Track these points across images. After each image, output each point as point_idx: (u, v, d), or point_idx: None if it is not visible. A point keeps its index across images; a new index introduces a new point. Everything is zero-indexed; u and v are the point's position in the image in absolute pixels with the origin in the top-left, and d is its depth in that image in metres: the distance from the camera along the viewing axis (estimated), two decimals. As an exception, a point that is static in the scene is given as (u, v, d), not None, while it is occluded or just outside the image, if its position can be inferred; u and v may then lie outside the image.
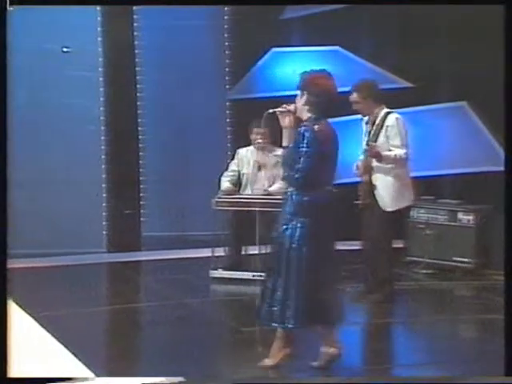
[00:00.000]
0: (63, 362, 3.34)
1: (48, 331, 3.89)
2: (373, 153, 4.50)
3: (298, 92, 3.24)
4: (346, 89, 5.75)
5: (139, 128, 6.79)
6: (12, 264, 5.75)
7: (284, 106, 3.25)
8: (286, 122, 3.24)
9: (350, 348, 4.00)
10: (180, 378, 3.02)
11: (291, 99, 3.31)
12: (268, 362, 3.31)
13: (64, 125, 6.17)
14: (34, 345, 3.66)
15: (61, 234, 5.99)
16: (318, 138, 3.15)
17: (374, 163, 4.56)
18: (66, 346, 3.63)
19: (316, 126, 3.17)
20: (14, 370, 2.90)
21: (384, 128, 4.56)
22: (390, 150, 4.53)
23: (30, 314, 4.17)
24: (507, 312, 2.83)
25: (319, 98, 3.17)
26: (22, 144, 6.07)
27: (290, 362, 3.32)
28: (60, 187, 6.11)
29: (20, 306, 4.34)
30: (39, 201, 6.06)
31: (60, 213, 6.07)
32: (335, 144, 3.27)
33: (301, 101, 3.22)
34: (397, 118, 4.57)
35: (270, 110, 3.29)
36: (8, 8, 2.87)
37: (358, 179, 4.70)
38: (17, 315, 4.22)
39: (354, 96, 4.59)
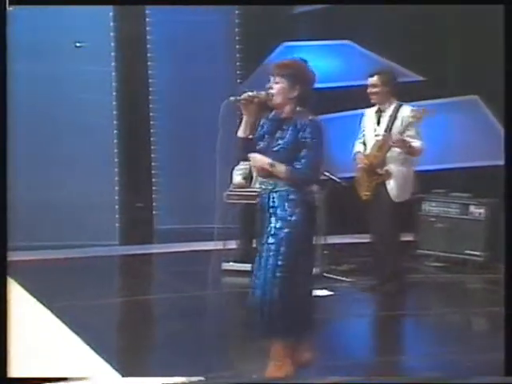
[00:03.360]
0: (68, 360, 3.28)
1: (63, 322, 3.90)
2: (399, 143, 4.45)
3: (283, 80, 2.86)
4: (357, 82, 5.74)
5: (151, 122, 6.79)
6: (26, 256, 5.83)
7: (250, 93, 2.89)
8: (249, 110, 2.89)
9: (361, 339, 3.99)
10: (200, 378, 2.91)
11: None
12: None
13: (77, 119, 6.17)
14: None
15: (75, 228, 6.00)
16: (322, 131, 2.88)
17: (389, 154, 4.52)
18: (79, 336, 3.64)
19: (317, 119, 2.88)
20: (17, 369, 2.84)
21: (398, 119, 4.52)
22: (409, 141, 4.50)
23: (45, 306, 4.19)
24: (507, 312, 2.78)
25: (310, 90, 2.89)
26: (36, 138, 6.14)
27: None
28: (74, 181, 6.11)
29: (36, 298, 4.36)
30: (54, 195, 6.09)
31: (74, 206, 6.08)
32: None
33: (290, 91, 2.86)
34: (412, 110, 4.53)
35: (231, 98, 2.89)
36: (8, 8, 2.78)
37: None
38: (31, 308, 4.26)
39: (375, 79, 4.56)
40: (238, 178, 5.44)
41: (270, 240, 2.90)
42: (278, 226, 2.89)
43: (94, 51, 6.19)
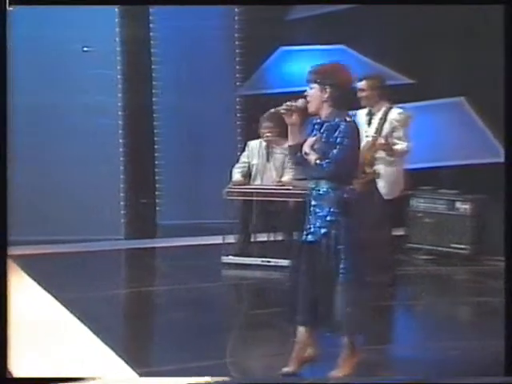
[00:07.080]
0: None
1: (71, 313, 3.92)
2: (383, 146, 4.49)
3: (315, 85, 2.94)
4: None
5: (154, 122, 6.82)
6: (35, 250, 5.86)
7: (288, 103, 2.96)
8: (292, 119, 2.96)
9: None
10: (225, 378, 2.90)
11: (298, 94, 3.08)
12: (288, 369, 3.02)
13: (84, 119, 6.21)
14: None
15: (84, 223, 6.06)
16: (353, 131, 2.93)
17: (378, 154, 4.55)
18: (86, 326, 3.68)
19: (349, 119, 2.93)
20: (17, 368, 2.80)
21: (388, 121, 4.54)
22: (394, 143, 4.52)
23: (55, 298, 4.22)
24: (507, 313, 2.77)
25: (342, 91, 2.92)
26: (45, 137, 6.17)
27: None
28: (82, 179, 6.16)
29: (45, 290, 4.39)
30: (62, 191, 6.13)
31: (82, 203, 6.13)
32: (360, 139, 3.06)
33: (321, 95, 2.92)
34: (400, 113, 4.55)
35: (272, 110, 3.01)
36: (8, 8, 2.71)
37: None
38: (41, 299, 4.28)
39: (363, 83, 4.56)
40: (237, 175, 5.46)
41: (310, 238, 2.94)
42: (317, 224, 2.93)
43: (100, 55, 6.22)
